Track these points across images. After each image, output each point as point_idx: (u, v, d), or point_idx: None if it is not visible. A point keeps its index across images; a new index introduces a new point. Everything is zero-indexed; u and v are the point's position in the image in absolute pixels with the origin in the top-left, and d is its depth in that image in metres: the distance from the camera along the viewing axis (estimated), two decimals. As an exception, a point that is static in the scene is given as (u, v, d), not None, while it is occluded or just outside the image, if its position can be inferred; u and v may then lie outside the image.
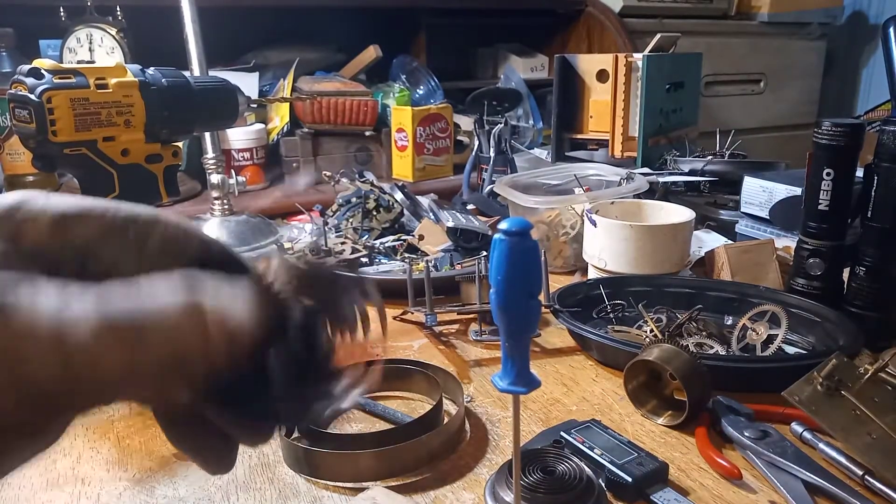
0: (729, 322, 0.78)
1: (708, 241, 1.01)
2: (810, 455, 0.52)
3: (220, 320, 0.23)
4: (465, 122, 1.80)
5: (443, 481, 0.52)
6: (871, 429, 0.52)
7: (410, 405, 0.64)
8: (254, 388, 0.26)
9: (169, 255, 0.26)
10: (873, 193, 0.70)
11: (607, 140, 1.45)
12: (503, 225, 0.30)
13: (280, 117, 1.61)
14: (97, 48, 1.39)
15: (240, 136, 1.51)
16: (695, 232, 0.96)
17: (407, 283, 0.80)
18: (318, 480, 0.52)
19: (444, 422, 0.57)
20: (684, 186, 1.25)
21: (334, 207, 1.08)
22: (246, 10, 1.71)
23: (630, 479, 0.48)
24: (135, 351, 0.21)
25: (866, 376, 0.55)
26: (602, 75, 1.45)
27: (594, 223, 0.87)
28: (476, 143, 1.36)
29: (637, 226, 0.85)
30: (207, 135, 0.99)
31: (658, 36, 1.50)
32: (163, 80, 0.64)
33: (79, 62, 1.36)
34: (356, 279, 0.29)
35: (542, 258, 0.72)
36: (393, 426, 0.57)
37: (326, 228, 0.98)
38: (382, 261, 0.95)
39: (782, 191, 1.01)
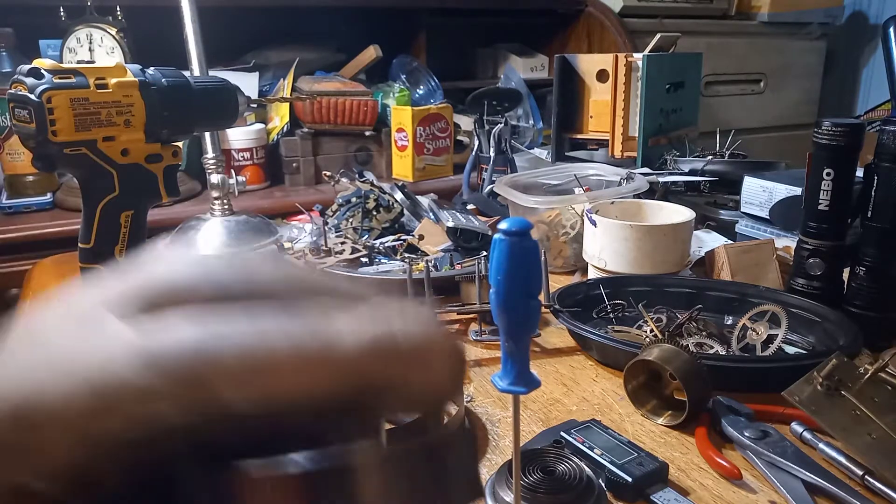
0: (729, 322, 0.78)
1: (708, 241, 1.01)
2: (810, 455, 0.52)
3: None
4: (465, 122, 1.80)
5: (443, 481, 0.52)
6: (871, 429, 0.52)
7: (410, 405, 0.64)
8: None
9: None
10: (873, 193, 0.70)
11: (607, 140, 1.45)
12: (503, 225, 0.30)
13: (280, 117, 1.61)
14: (97, 48, 1.39)
15: (240, 136, 1.51)
16: (695, 232, 0.96)
17: (407, 283, 0.80)
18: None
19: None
20: (684, 186, 1.25)
21: (334, 207, 1.08)
22: (246, 10, 1.71)
23: (630, 479, 0.48)
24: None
25: (866, 376, 0.55)
26: (602, 75, 1.45)
27: (594, 223, 0.87)
28: (476, 143, 1.36)
29: (637, 226, 0.85)
30: (207, 135, 0.99)
31: (658, 36, 1.51)
32: (163, 80, 0.64)
33: (79, 62, 1.36)
34: None
35: (542, 258, 0.72)
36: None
37: (326, 228, 0.98)
38: (382, 261, 0.95)
39: (782, 191, 1.01)
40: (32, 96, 0.56)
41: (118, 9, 1.42)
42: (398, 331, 0.20)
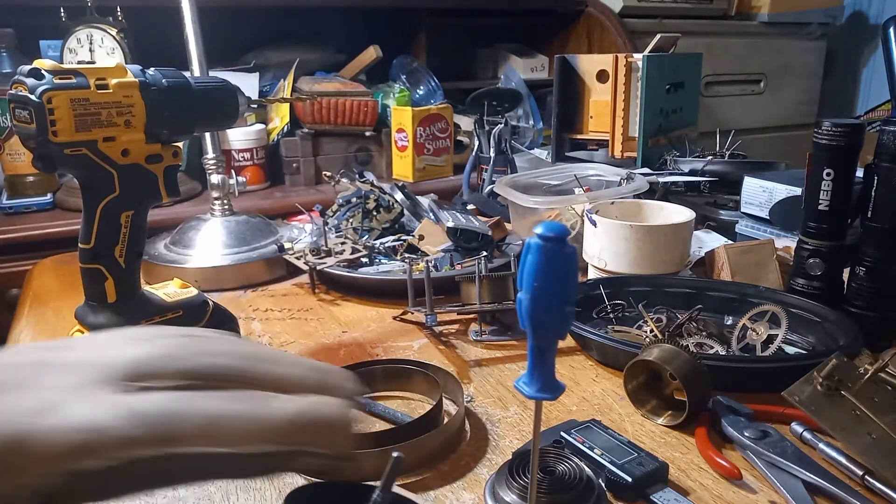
0: (729, 322, 0.78)
1: (708, 241, 1.01)
2: (810, 455, 0.52)
3: None
4: (465, 122, 1.80)
5: (443, 481, 0.52)
6: (871, 429, 0.52)
7: (410, 405, 0.64)
8: None
9: None
10: (873, 193, 0.70)
11: (607, 140, 1.45)
12: (539, 229, 0.29)
13: (280, 118, 1.61)
14: (97, 48, 1.39)
15: (240, 137, 1.51)
16: (695, 232, 0.96)
17: (407, 283, 0.80)
18: (319, 480, 0.52)
19: (444, 422, 0.57)
20: (684, 186, 1.25)
21: (334, 207, 1.08)
22: (246, 10, 1.71)
23: (630, 479, 0.48)
24: None
25: (866, 376, 0.55)
26: (602, 75, 1.45)
27: (594, 223, 0.87)
28: (476, 143, 1.36)
29: (637, 226, 0.85)
30: (207, 135, 0.99)
31: (658, 36, 1.51)
32: (163, 80, 0.64)
33: (79, 62, 1.36)
34: None
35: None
36: (393, 426, 0.57)
37: (326, 228, 0.98)
38: (382, 261, 0.95)
39: (782, 191, 1.01)
40: (33, 97, 0.56)
41: (118, 9, 1.42)
42: (313, 411, 0.30)
